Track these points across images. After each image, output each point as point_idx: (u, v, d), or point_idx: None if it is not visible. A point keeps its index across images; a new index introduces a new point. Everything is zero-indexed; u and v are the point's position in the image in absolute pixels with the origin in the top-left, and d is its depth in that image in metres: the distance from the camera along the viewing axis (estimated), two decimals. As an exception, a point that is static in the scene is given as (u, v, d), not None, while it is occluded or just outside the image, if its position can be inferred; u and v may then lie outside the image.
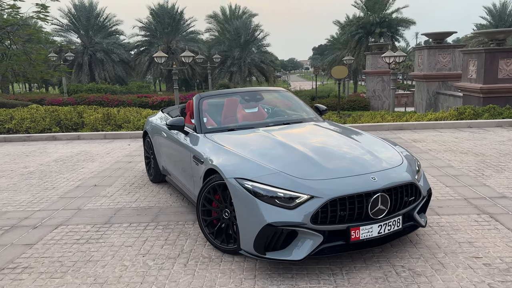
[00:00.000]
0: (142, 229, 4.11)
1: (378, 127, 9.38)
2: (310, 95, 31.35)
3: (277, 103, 5.42)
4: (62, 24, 40.35)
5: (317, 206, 2.94)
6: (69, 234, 4.05)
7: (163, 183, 5.62)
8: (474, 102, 13.01)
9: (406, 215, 3.31)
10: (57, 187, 5.67)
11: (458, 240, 3.58)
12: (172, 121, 4.35)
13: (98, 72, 39.67)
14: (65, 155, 7.73)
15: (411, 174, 3.35)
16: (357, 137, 4.04)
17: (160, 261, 3.40)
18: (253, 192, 3.09)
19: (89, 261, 3.46)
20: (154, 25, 41.59)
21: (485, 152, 6.75)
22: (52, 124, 10.24)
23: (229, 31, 42.30)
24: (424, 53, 17.99)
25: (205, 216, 3.59)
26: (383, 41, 36.91)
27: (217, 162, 3.52)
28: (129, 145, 8.50)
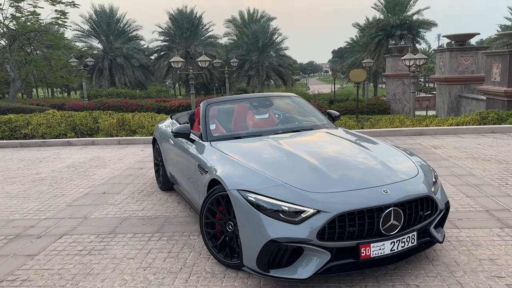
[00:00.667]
0: (146, 240, 3.98)
1: (397, 132, 9.08)
2: (329, 98, 30.97)
3: (289, 109, 5.24)
4: (83, 30, 41.13)
5: (324, 221, 2.75)
6: (72, 245, 3.96)
7: (171, 191, 5.51)
8: (498, 106, 12.53)
9: (422, 230, 3.08)
10: (66, 194, 5.62)
11: (479, 257, 3.33)
12: (178, 128, 4.23)
13: (118, 77, 40.20)
14: (78, 161, 7.72)
15: (427, 186, 3.13)
16: (370, 145, 3.82)
17: (161, 276, 3.26)
18: (256, 205, 2.92)
19: (89, 274, 3.35)
20: (173, 30, 41.97)
21: (509, 160, 6.41)
22: (67, 129, 10.31)
23: (247, 35, 42.31)
24: (445, 55, 17.50)
25: (208, 228, 3.44)
26: (403, 44, 36.27)
27: (220, 172, 3.37)
28: (142, 151, 8.45)
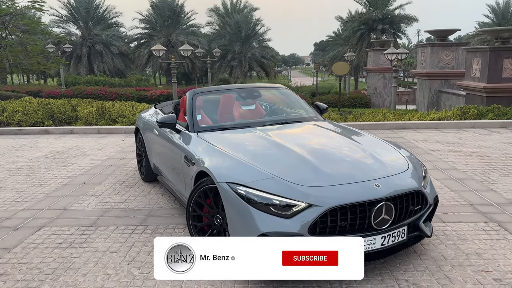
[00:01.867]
0: (130, 233, 3.87)
1: (380, 126, 9.13)
2: (311, 91, 31.00)
3: (276, 100, 5.16)
4: (61, 15, 39.91)
5: (316, 215, 2.70)
6: (51, 237, 3.81)
7: (154, 182, 5.38)
8: (477, 101, 12.76)
9: (412, 224, 3.07)
10: (45, 185, 5.43)
11: (466, 251, 3.35)
12: (163, 118, 4.10)
13: (97, 64, 39.25)
14: (56, 150, 7.48)
15: (417, 180, 3.11)
16: (359, 139, 3.79)
17: (146, 270, 3.17)
18: (247, 199, 2.84)
19: (69, 268, 3.22)
20: (154, 17, 41.15)
21: (490, 154, 6.51)
22: (45, 117, 9.98)
23: (230, 25, 41.87)
24: (427, 50, 17.71)
25: (195, 221, 3.35)
26: (385, 38, 36.56)
27: (208, 164, 3.27)
28: (123, 141, 8.25)
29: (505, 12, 46.65)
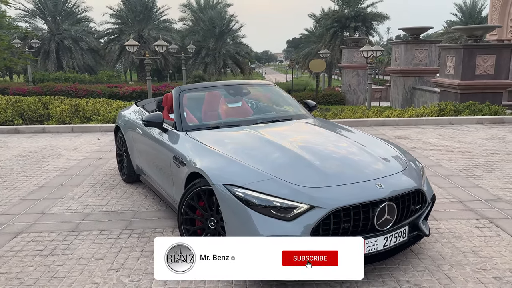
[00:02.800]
0: (115, 238, 3.67)
1: (360, 123, 9.15)
2: (286, 88, 30.98)
3: (263, 97, 5.03)
4: (28, 9, 38.37)
5: (319, 217, 2.60)
6: (30, 244, 3.57)
7: (137, 183, 5.16)
8: (451, 98, 13.01)
9: (411, 224, 3.01)
10: (19, 187, 5.12)
11: (462, 249, 3.33)
12: (149, 116, 3.90)
13: (66, 60, 38.01)
14: (29, 150, 7.11)
15: (417, 179, 3.06)
16: (356, 137, 3.72)
17: (137, 278, 2.99)
18: (245, 201, 2.71)
19: (53, 278, 3.01)
20: (125, 12, 40.17)
21: (471, 150, 6.61)
22: (14, 116, 9.50)
23: (204, 20, 41.38)
24: (401, 48, 17.95)
25: (188, 225, 3.19)
26: (357, 35, 36.97)
27: (202, 165, 3.12)
28: (99, 140, 7.94)
29: (472, 11, 48.07)
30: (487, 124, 8.98)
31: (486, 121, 9.14)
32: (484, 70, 12.67)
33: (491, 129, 8.46)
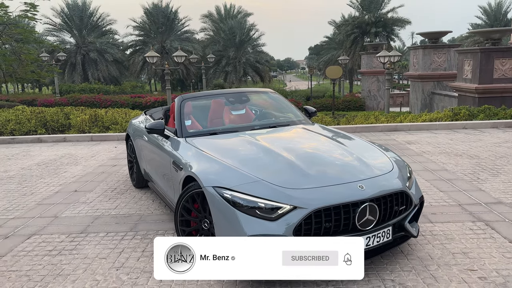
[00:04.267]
0: (119, 239, 3.88)
1: (372, 128, 9.18)
2: (305, 95, 31.11)
3: (265, 105, 5.20)
4: (55, 24, 39.95)
5: (301, 217, 2.73)
6: (41, 245, 3.81)
7: (145, 188, 5.40)
8: (469, 102, 12.85)
9: (397, 225, 3.10)
10: (36, 193, 5.43)
11: (452, 251, 3.38)
12: (152, 124, 4.12)
13: (92, 72, 39.30)
14: (49, 158, 7.49)
15: (401, 181, 3.15)
16: (346, 141, 3.83)
17: (135, 276, 3.18)
18: (232, 202, 2.87)
19: (58, 275, 3.23)
20: (148, 24, 41.32)
21: (480, 155, 6.57)
22: (37, 125, 9.98)
23: (224, 30, 42.04)
24: (419, 52, 17.83)
25: (183, 226, 3.36)
26: (378, 41, 36.76)
27: (195, 169, 3.30)
28: (116, 148, 8.26)
29: (497, 13, 47.07)
30: (502, 128, 8.86)
31: (501, 125, 9.01)
32: (503, 74, 12.48)
33: (505, 133, 8.35)
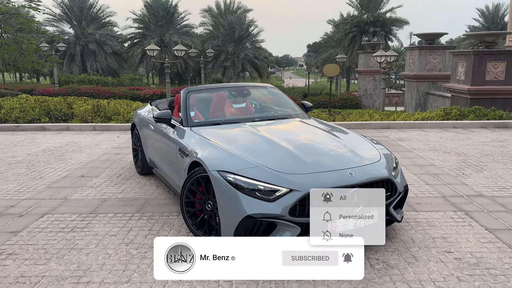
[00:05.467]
0: (127, 220, 4.18)
1: (366, 126, 9.51)
2: (303, 92, 31.45)
3: (265, 99, 5.51)
4: (55, 14, 39.99)
5: (296, 199, 3.05)
6: (54, 223, 4.11)
7: (150, 175, 5.69)
8: (462, 103, 13.21)
9: (383, 210, 3.42)
10: (45, 177, 5.72)
11: (433, 236, 3.71)
12: (159, 114, 4.42)
13: (90, 63, 39.40)
14: (54, 146, 7.76)
15: (387, 170, 3.47)
16: (340, 134, 4.15)
17: (143, 250, 3.49)
18: (235, 185, 3.18)
19: (73, 249, 3.53)
20: (148, 17, 41.39)
21: (467, 152, 6.91)
22: (41, 114, 10.23)
23: (223, 25, 42.19)
24: (415, 53, 18.17)
25: (188, 207, 3.67)
26: (376, 40, 37.09)
27: (201, 155, 3.60)
28: (118, 137, 8.54)
29: (495, 16, 47.53)
30: (490, 129, 9.21)
31: (490, 125, 9.37)
32: (495, 76, 12.85)
33: (493, 133, 8.70)
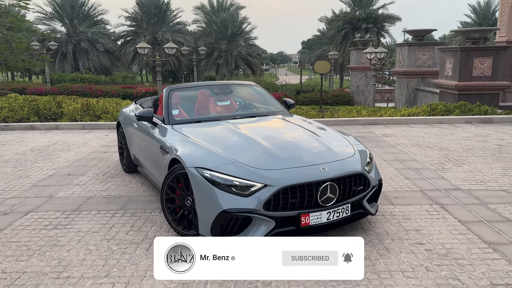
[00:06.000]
0: (110, 216, 4.26)
1: (353, 122, 9.62)
2: (296, 89, 31.52)
3: (249, 97, 5.59)
4: (46, 12, 39.78)
5: (270, 194, 3.14)
6: (38, 220, 4.18)
7: (135, 173, 5.76)
8: (450, 98, 13.36)
9: (356, 203, 3.52)
10: (31, 176, 5.77)
11: (407, 228, 3.82)
12: (141, 112, 4.50)
13: (83, 61, 39.26)
14: (42, 145, 7.80)
15: (360, 165, 3.57)
16: (316, 130, 4.24)
17: (124, 246, 3.57)
18: (211, 181, 3.27)
19: (55, 246, 3.60)
20: (140, 15, 41.27)
21: (449, 147, 7.03)
22: (30, 113, 10.25)
23: (216, 23, 42.17)
24: (404, 49, 18.31)
25: (169, 203, 3.76)
26: (369, 37, 37.25)
27: (180, 152, 3.69)
28: (107, 136, 8.59)
29: (486, 12, 47.82)
30: (475, 124, 9.36)
31: (474, 120, 9.51)
32: (481, 72, 13.00)
33: (477, 128, 8.85)
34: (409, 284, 2.90)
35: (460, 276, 2.99)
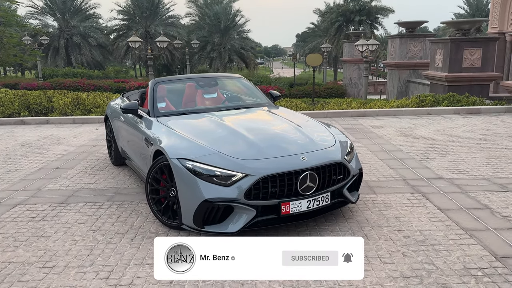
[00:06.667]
0: (97, 208, 4.31)
1: (343, 114, 9.70)
2: (289, 82, 31.52)
3: (236, 89, 5.64)
4: (38, 7, 39.38)
5: (250, 183, 3.21)
6: (25, 213, 4.23)
7: (123, 166, 5.81)
8: (440, 90, 13.46)
9: (336, 192, 3.60)
10: (20, 169, 5.81)
11: (387, 216, 3.91)
12: (126, 105, 4.54)
13: (75, 56, 38.99)
14: (32, 139, 7.82)
15: (340, 154, 3.64)
16: (299, 121, 4.30)
17: (109, 236, 3.63)
18: (193, 171, 3.33)
19: (41, 237, 3.66)
20: (133, 9, 40.97)
21: (436, 138, 7.13)
22: (21, 108, 10.25)
23: (209, 16, 41.96)
24: (396, 41, 18.37)
25: (153, 194, 3.82)
26: (362, 29, 37.25)
27: (163, 144, 3.74)
28: (97, 130, 8.62)
29: (479, 3, 47.90)
30: (463, 114, 9.46)
31: (462, 111, 9.61)
32: (471, 63, 13.09)
33: (465, 119, 8.95)
34: (385, 269, 2.99)
35: (435, 261, 3.08)
